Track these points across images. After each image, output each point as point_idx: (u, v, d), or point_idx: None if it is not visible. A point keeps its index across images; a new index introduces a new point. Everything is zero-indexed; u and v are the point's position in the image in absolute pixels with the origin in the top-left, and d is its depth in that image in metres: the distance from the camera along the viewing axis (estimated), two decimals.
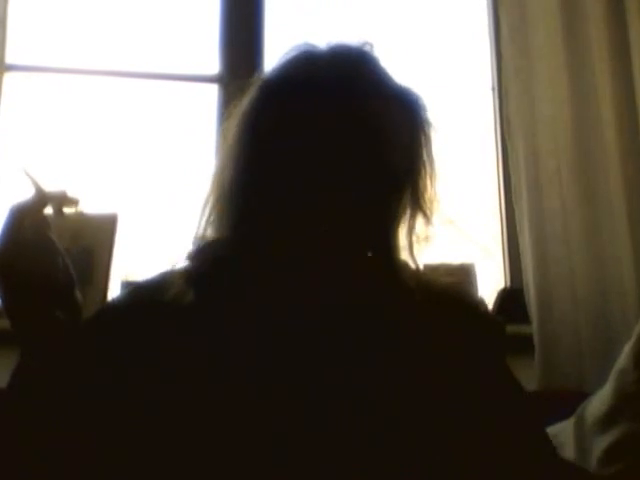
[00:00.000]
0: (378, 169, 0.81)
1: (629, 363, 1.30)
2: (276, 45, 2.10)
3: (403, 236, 0.87)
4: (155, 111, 2.10)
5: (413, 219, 0.87)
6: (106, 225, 1.78)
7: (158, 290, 0.82)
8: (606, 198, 1.92)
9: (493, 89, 2.19)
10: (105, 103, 2.08)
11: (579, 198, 1.92)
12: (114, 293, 1.68)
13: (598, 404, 1.33)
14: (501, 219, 2.12)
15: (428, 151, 0.88)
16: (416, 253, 0.87)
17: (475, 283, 1.92)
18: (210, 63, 2.09)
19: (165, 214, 1.99)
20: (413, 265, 0.87)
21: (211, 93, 2.08)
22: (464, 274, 1.91)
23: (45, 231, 0.78)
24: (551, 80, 1.98)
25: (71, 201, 0.84)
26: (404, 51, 2.17)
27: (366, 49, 0.88)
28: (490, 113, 2.19)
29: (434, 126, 0.89)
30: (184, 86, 2.14)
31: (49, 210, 0.82)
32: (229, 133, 0.87)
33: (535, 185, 1.95)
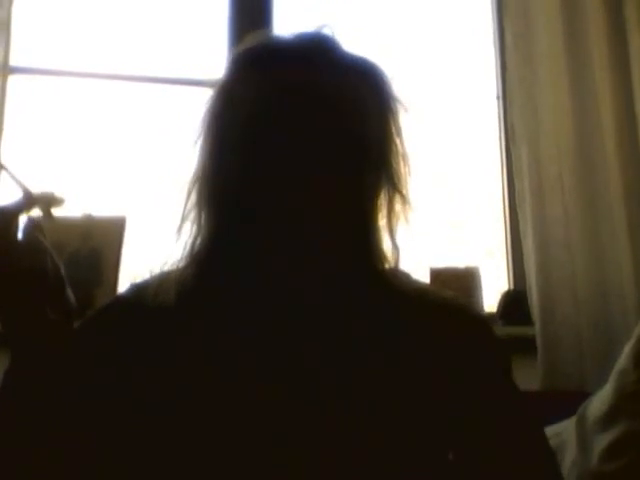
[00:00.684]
0: (347, 142, 0.79)
1: (629, 363, 1.32)
2: None
3: (383, 221, 0.84)
4: (161, 115, 2.11)
5: (391, 201, 0.84)
6: (114, 228, 1.81)
7: (155, 291, 0.82)
8: (606, 204, 1.95)
9: (498, 97, 2.22)
10: (111, 106, 2.09)
11: (580, 204, 1.95)
12: None
13: (599, 404, 1.34)
14: (505, 224, 2.14)
15: (397, 127, 0.85)
16: (397, 236, 0.84)
17: (480, 286, 1.95)
18: (217, 68, 2.11)
19: (172, 218, 2.01)
20: (394, 248, 0.83)
21: None
22: (469, 277, 1.94)
23: (34, 232, 0.77)
24: (554, 89, 2.00)
25: (58, 201, 0.82)
26: (410, 60, 2.20)
27: (326, 31, 0.86)
28: (495, 121, 2.22)
29: (401, 102, 0.86)
30: (191, 90, 2.13)
31: (37, 212, 0.81)
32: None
33: (538, 191, 1.97)
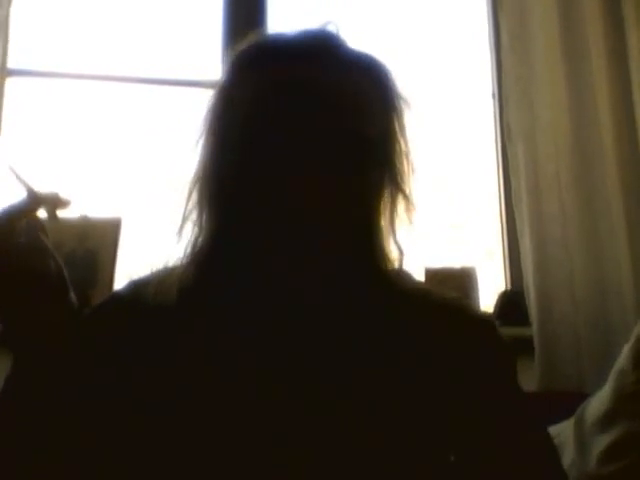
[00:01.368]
0: (348, 140, 0.78)
1: (628, 364, 1.31)
2: None
3: (385, 221, 0.83)
4: (158, 116, 2.11)
5: (394, 201, 0.83)
6: (110, 229, 1.81)
7: (155, 289, 0.82)
8: (604, 202, 1.94)
9: (494, 96, 2.21)
10: (108, 108, 2.10)
11: (578, 202, 1.95)
12: None
13: (597, 404, 1.33)
14: (502, 223, 2.14)
15: (401, 126, 0.84)
16: (399, 238, 0.83)
17: (476, 286, 1.94)
18: (212, 68, 2.11)
19: (169, 218, 2.00)
20: (397, 249, 0.83)
21: None
22: (465, 277, 1.93)
23: (38, 233, 0.76)
24: (550, 87, 2.00)
25: (64, 203, 0.81)
26: (406, 59, 2.19)
27: (330, 28, 0.84)
28: (491, 119, 2.22)
29: (406, 100, 0.85)
30: (187, 91, 2.14)
31: (42, 212, 0.80)
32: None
33: (535, 189, 1.97)
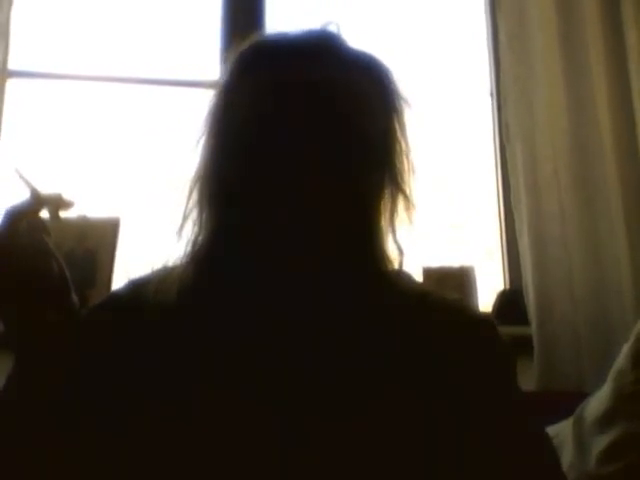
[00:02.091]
0: (348, 140, 0.78)
1: (627, 364, 1.31)
2: None
3: (386, 222, 0.83)
4: (157, 116, 2.12)
5: (394, 201, 0.83)
6: (109, 229, 1.82)
7: (155, 289, 0.82)
8: (603, 201, 1.95)
9: (492, 95, 2.22)
10: (107, 109, 2.11)
11: (577, 201, 1.95)
12: None
13: (597, 404, 1.33)
14: (500, 222, 2.14)
15: (401, 126, 0.84)
16: (399, 238, 0.83)
17: (474, 285, 1.94)
18: (210, 69, 2.11)
19: (168, 218, 2.01)
20: (397, 250, 0.83)
21: None
22: (464, 277, 1.93)
23: (40, 234, 0.77)
24: (549, 86, 2.01)
25: (67, 204, 0.82)
26: (404, 57, 2.19)
27: (331, 28, 0.85)
28: (489, 118, 2.22)
29: (407, 100, 0.85)
30: (186, 92, 2.15)
31: (45, 213, 0.80)
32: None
33: (534, 189, 1.97)
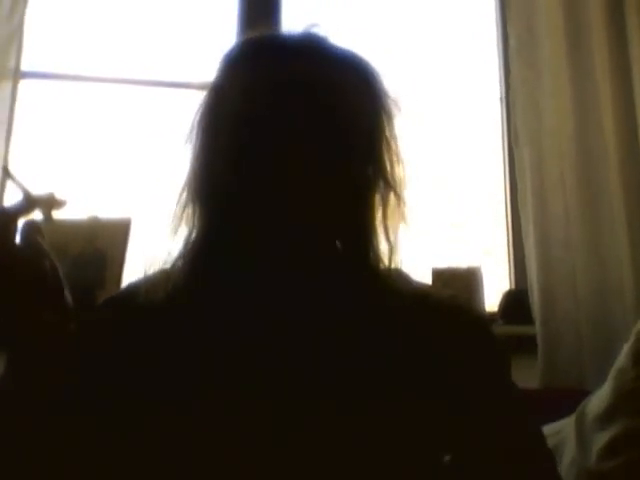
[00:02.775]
0: (335, 139, 0.78)
1: (628, 362, 1.32)
2: None
3: (379, 221, 0.83)
4: (169, 118, 2.10)
5: (385, 200, 0.83)
6: (120, 229, 1.82)
7: (146, 289, 0.82)
8: (607, 204, 1.97)
9: (501, 99, 2.25)
10: (119, 109, 2.12)
11: (581, 204, 1.98)
12: None
13: (598, 401, 1.34)
14: (507, 224, 2.17)
15: (390, 125, 0.85)
16: (392, 236, 0.83)
17: (481, 285, 1.97)
18: None
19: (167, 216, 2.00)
20: (390, 248, 0.83)
21: None
22: (471, 277, 1.96)
23: (33, 235, 0.76)
24: (556, 91, 2.03)
25: (59, 203, 0.82)
26: (415, 62, 2.22)
27: (317, 30, 0.85)
28: (498, 122, 2.25)
29: (394, 99, 0.85)
30: (200, 95, 2.15)
31: (37, 214, 0.81)
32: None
33: (540, 191, 2.00)
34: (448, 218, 2.19)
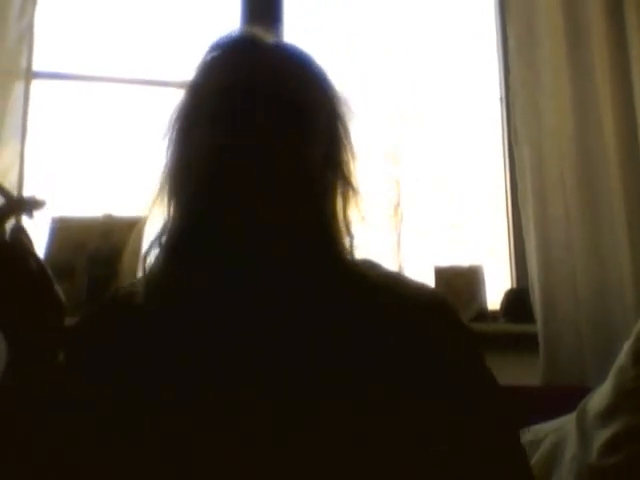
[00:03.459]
0: (291, 136, 0.81)
1: (628, 360, 1.32)
2: None
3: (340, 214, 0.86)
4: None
5: (345, 194, 0.87)
6: (134, 227, 1.84)
7: (128, 290, 0.84)
8: (607, 204, 1.98)
9: (501, 100, 2.25)
10: (131, 110, 2.12)
11: (581, 204, 1.98)
12: None
13: (599, 399, 1.35)
14: (508, 223, 2.17)
15: (343, 120, 0.88)
16: (352, 230, 0.86)
17: (483, 284, 1.99)
18: None
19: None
20: (349, 240, 0.86)
21: None
22: (473, 275, 1.98)
23: (18, 236, 0.77)
24: (556, 91, 2.04)
25: (39, 203, 0.83)
26: (415, 62, 2.23)
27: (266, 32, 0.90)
28: (498, 122, 2.25)
29: (341, 96, 0.89)
30: None
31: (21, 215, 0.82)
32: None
33: (540, 191, 2.00)
34: (449, 218, 2.20)
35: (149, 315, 0.81)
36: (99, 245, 1.81)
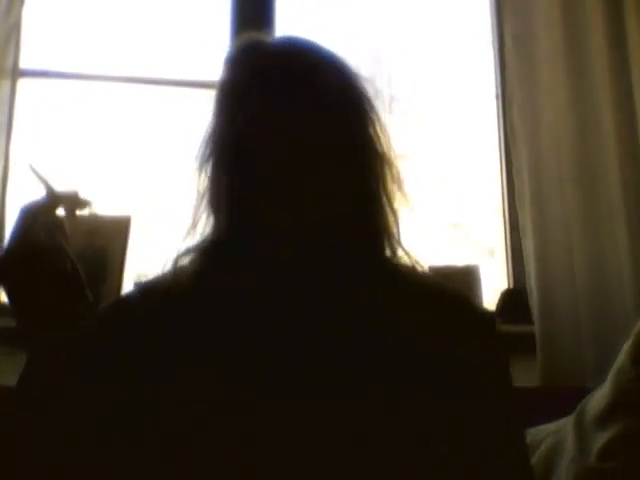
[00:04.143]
0: (331, 141, 0.81)
1: (627, 361, 1.32)
2: None
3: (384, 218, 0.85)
4: (167, 116, 2.13)
5: (389, 199, 0.86)
6: (120, 227, 1.82)
7: (167, 286, 0.82)
8: (605, 203, 1.97)
9: (497, 97, 2.24)
10: (118, 108, 2.13)
11: (580, 203, 1.97)
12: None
13: (597, 401, 1.34)
14: (505, 223, 2.17)
15: (377, 115, 0.88)
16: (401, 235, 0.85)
17: (479, 284, 1.97)
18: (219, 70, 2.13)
19: (178, 217, 2.02)
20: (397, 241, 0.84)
21: None
22: (468, 275, 1.96)
23: (55, 233, 0.77)
24: (553, 88, 2.03)
25: (83, 203, 0.84)
26: (410, 60, 2.22)
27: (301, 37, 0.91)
28: (494, 120, 2.24)
29: (377, 100, 0.89)
30: (197, 93, 2.15)
31: (61, 211, 0.82)
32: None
33: (538, 190, 1.99)
34: (446, 217, 2.19)
35: (150, 315, 0.80)
36: (84, 245, 1.78)
